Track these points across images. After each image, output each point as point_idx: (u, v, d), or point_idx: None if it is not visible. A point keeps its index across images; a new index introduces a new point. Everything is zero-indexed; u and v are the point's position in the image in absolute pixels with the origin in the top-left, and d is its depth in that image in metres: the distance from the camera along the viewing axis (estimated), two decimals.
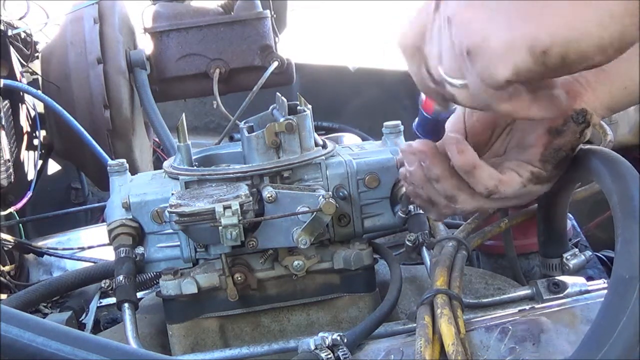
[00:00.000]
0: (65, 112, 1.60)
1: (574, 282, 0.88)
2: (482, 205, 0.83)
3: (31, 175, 1.71)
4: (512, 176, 0.80)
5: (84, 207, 2.10)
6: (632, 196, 0.68)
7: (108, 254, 1.31)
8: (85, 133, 1.60)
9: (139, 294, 1.07)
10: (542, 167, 0.80)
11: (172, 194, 0.91)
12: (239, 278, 0.93)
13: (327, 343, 0.78)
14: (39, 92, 1.66)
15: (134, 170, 1.24)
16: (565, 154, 0.79)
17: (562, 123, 0.79)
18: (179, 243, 0.96)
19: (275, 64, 1.86)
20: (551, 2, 0.58)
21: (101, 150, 1.60)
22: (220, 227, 0.84)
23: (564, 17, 0.58)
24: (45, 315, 1.22)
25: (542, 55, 0.59)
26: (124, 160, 1.04)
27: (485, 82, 0.63)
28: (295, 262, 0.94)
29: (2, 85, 1.50)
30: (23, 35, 1.86)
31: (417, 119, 0.84)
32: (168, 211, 0.88)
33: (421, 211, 0.97)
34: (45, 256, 1.49)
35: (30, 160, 1.75)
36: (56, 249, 1.50)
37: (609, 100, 0.81)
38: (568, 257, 0.98)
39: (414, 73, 0.72)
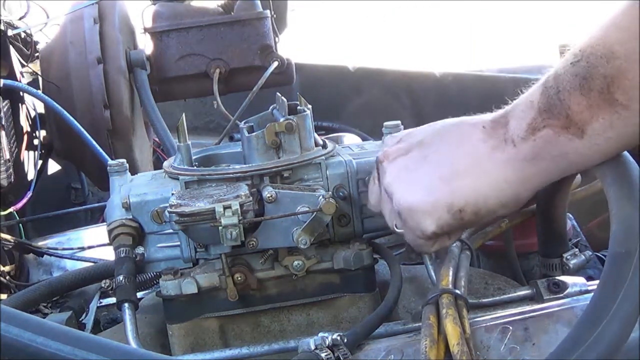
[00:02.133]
0: (65, 112, 1.60)
1: (574, 282, 0.88)
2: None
3: (31, 175, 1.71)
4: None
5: (84, 207, 2.09)
6: (627, 174, 0.68)
7: (108, 254, 1.31)
8: (85, 133, 1.60)
9: (139, 294, 1.07)
10: None
11: (172, 194, 0.91)
12: (239, 278, 0.93)
13: (327, 343, 0.78)
14: (39, 92, 1.65)
15: (134, 170, 1.24)
16: None
17: None
18: (179, 243, 0.96)
19: (275, 64, 1.86)
20: (459, 173, 0.77)
21: (101, 150, 1.59)
22: (220, 227, 0.84)
23: (472, 183, 0.76)
24: (45, 315, 1.22)
25: (459, 213, 0.77)
26: (124, 160, 1.04)
27: (416, 234, 0.81)
28: (295, 262, 0.94)
29: (2, 85, 1.50)
30: (23, 35, 1.85)
31: None
32: (168, 211, 0.88)
33: None
34: (45, 256, 1.49)
35: (30, 160, 1.74)
36: (56, 249, 1.50)
37: None
38: (568, 257, 0.99)
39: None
